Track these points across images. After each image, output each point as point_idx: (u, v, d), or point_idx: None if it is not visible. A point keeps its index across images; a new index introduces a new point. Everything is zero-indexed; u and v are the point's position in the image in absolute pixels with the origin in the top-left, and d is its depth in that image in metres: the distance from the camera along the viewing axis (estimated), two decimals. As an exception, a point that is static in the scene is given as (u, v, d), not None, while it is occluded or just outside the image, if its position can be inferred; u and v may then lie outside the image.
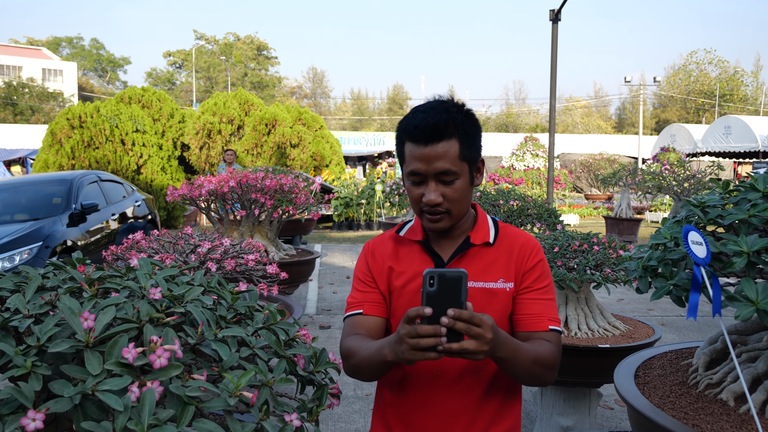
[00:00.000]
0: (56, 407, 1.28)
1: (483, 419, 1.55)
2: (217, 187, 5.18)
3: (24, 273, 1.74)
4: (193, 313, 1.60)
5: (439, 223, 1.53)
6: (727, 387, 1.74)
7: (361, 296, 1.64)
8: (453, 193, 1.50)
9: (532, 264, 1.57)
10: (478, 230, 1.61)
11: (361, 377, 1.53)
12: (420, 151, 1.47)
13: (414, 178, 1.51)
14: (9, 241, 6.10)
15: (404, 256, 1.63)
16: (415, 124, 1.48)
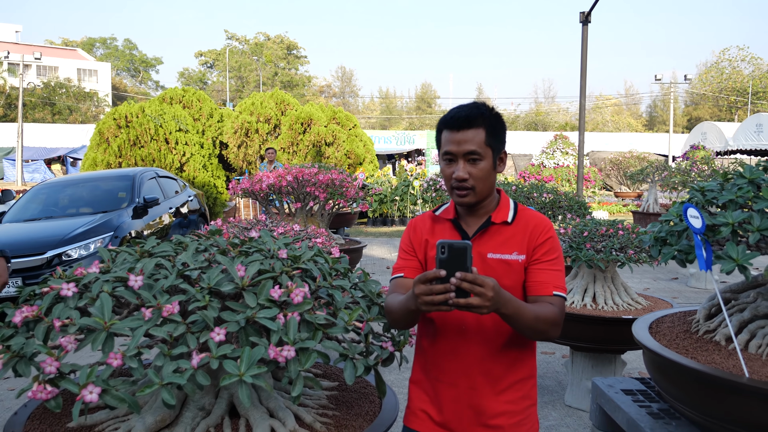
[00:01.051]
0: (230, 327, 1.80)
1: (500, 366, 1.85)
2: (276, 182, 5.71)
3: (175, 240, 2.28)
4: (311, 269, 2.12)
5: (465, 198, 1.82)
6: (719, 331, 2.22)
7: (403, 263, 1.93)
8: (478, 172, 1.80)
9: (543, 239, 1.85)
10: (500, 211, 1.89)
11: (398, 326, 1.81)
12: (453, 136, 1.80)
13: (447, 157, 1.82)
14: (84, 231, 6.73)
15: (438, 231, 1.91)
16: (452, 115, 1.82)
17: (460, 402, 1.84)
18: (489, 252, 1.85)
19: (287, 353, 1.75)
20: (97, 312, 1.80)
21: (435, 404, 1.88)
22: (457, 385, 1.84)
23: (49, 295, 1.94)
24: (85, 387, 1.63)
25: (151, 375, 1.68)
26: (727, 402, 1.98)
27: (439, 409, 1.86)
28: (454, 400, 1.84)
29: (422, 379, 1.93)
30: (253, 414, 2.05)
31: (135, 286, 1.87)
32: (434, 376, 1.88)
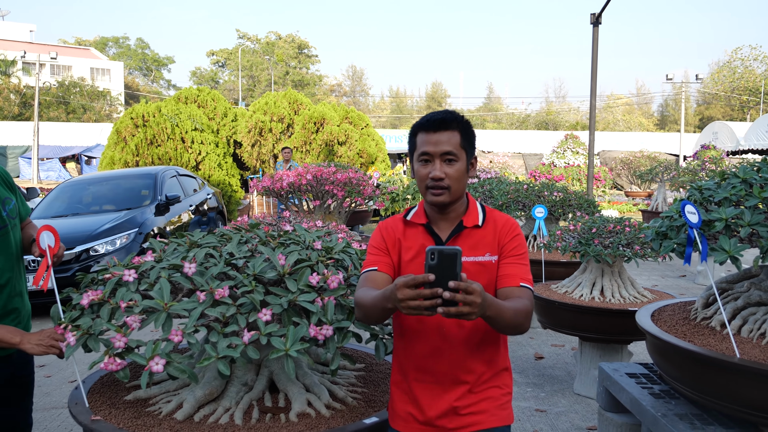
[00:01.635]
0: (274, 309, 2.03)
1: (480, 363, 1.90)
2: (296, 180, 5.95)
3: (218, 232, 2.51)
4: (343, 258, 2.34)
5: (440, 197, 1.85)
6: (715, 317, 2.43)
7: (375, 258, 1.93)
8: (454, 172, 1.85)
9: (511, 237, 1.93)
10: (470, 215, 1.94)
11: (368, 321, 1.81)
12: (429, 137, 1.85)
13: (424, 158, 1.86)
14: (110, 227, 7.00)
15: (411, 235, 1.93)
16: (427, 119, 1.89)
17: (442, 399, 1.88)
18: (463, 255, 1.86)
19: (326, 332, 1.98)
20: (157, 295, 2.03)
21: (416, 404, 1.90)
22: (439, 384, 1.89)
23: (111, 280, 2.18)
24: (152, 359, 1.87)
25: (209, 349, 1.91)
26: (720, 380, 2.19)
27: (421, 409, 1.89)
28: (436, 398, 1.88)
29: (401, 380, 1.96)
30: (291, 389, 2.28)
31: (189, 273, 2.10)
32: (414, 377, 1.91)
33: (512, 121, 62.55)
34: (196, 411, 2.20)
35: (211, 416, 2.17)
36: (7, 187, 2.46)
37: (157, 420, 2.14)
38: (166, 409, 2.21)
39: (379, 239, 1.97)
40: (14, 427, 2.54)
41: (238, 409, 2.19)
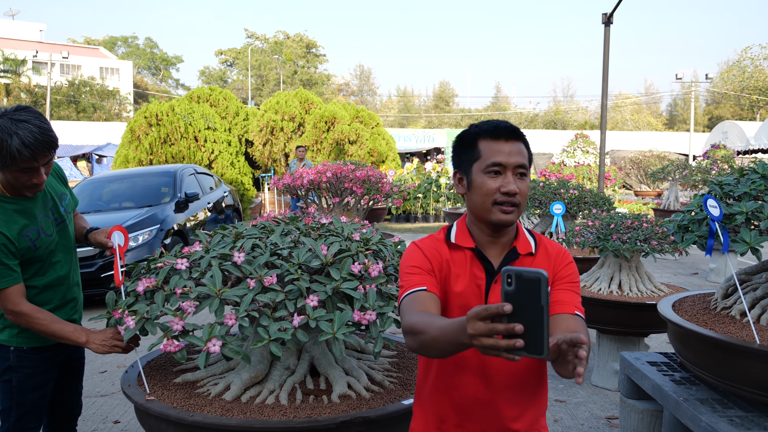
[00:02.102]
0: (320, 296, 2.16)
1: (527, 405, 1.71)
2: (316, 178, 6.08)
3: (260, 225, 2.64)
4: (381, 249, 2.47)
5: (510, 215, 1.64)
6: (735, 307, 2.54)
7: (420, 279, 1.65)
8: (525, 188, 1.66)
9: (564, 265, 1.74)
10: (521, 241, 1.73)
11: (429, 354, 1.50)
12: (501, 146, 1.65)
13: (495, 168, 1.63)
14: (132, 224, 7.14)
15: (458, 260, 1.70)
16: (495, 125, 1.68)
17: None
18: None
19: (369, 317, 2.11)
20: (209, 282, 2.16)
21: None
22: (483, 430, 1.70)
23: (164, 269, 2.31)
24: (209, 341, 2.00)
25: (261, 332, 2.04)
26: (740, 366, 2.31)
27: None
28: None
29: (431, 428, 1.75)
30: (332, 372, 2.41)
31: (238, 262, 2.23)
32: (456, 423, 1.71)
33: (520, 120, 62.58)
34: (242, 392, 2.34)
35: (257, 397, 2.31)
36: (61, 182, 2.60)
37: (207, 400, 2.28)
38: (215, 390, 2.34)
39: (420, 258, 1.70)
40: (68, 409, 2.68)
41: (283, 391, 2.32)
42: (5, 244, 2.24)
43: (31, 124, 2.16)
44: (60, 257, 2.46)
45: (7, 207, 2.29)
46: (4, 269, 2.24)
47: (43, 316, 2.30)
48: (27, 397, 2.41)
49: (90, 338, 2.32)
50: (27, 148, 2.13)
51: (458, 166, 1.76)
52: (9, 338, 2.39)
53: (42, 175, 2.26)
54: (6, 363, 2.40)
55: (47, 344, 2.42)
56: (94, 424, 3.94)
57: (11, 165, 2.16)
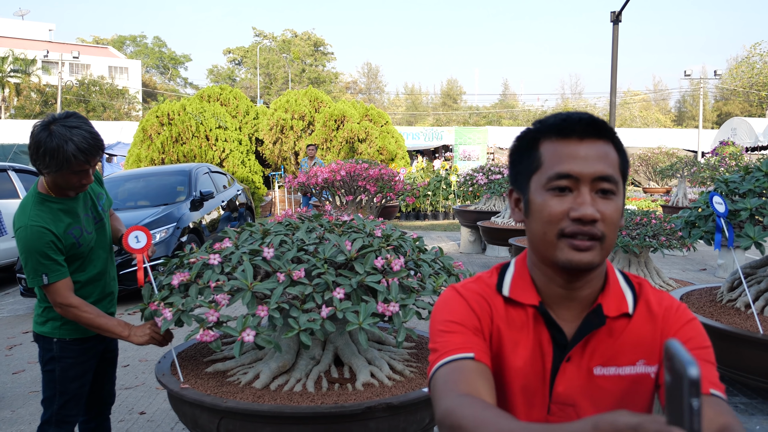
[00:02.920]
0: (346, 289, 2.28)
1: None
2: (330, 176, 6.21)
3: (286, 222, 2.77)
4: (402, 245, 2.59)
5: (588, 253, 1.11)
6: (740, 299, 2.66)
7: (462, 339, 1.16)
8: (613, 212, 1.12)
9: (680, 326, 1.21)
10: (611, 294, 1.20)
11: None
12: (572, 148, 1.12)
13: (560, 183, 1.12)
14: (149, 222, 7.29)
15: (515, 321, 1.21)
16: (564, 117, 1.15)
17: None
18: (598, 365, 1.18)
19: (393, 308, 2.23)
20: (241, 276, 2.30)
21: None
22: None
23: (197, 264, 2.44)
24: (244, 330, 2.13)
25: (292, 323, 2.17)
26: (745, 355, 2.43)
27: None
28: None
29: None
30: (356, 362, 2.54)
31: (268, 257, 2.36)
32: None
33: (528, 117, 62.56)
34: (271, 381, 2.47)
35: (285, 385, 2.44)
36: (98, 182, 2.74)
37: (239, 388, 2.41)
38: (245, 379, 2.48)
39: (463, 310, 1.21)
40: (102, 397, 2.83)
41: (309, 380, 2.45)
42: (53, 241, 2.39)
43: (83, 130, 2.32)
44: (99, 254, 2.61)
45: (53, 207, 2.44)
46: (53, 264, 2.39)
47: (90, 310, 2.44)
48: (69, 386, 2.56)
49: (132, 332, 2.45)
50: (82, 153, 2.29)
51: (514, 180, 1.24)
52: (52, 330, 2.54)
53: (90, 177, 2.41)
54: (49, 354, 2.55)
55: (88, 336, 2.57)
56: (120, 415, 4.09)
57: (66, 168, 2.31)
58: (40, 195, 2.46)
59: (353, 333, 2.58)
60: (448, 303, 1.23)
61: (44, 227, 2.38)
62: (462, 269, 2.75)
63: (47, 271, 2.38)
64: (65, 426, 2.59)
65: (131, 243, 2.54)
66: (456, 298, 1.24)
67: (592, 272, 1.16)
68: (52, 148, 2.28)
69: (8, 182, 8.73)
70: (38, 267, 2.38)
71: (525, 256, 1.27)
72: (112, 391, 2.89)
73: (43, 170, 2.36)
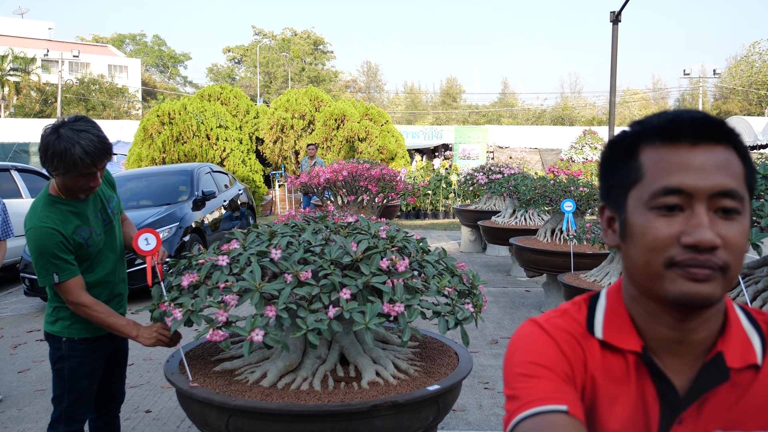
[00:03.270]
0: (352, 290, 2.33)
1: None
2: (332, 177, 6.26)
3: (293, 224, 2.82)
4: (407, 246, 2.64)
5: (707, 284, 0.88)
6: (738, 299, 2.71)
7: (552, 388, 0.93)
8: (737, 235, 0.89)
9: None
10: (734, 338, 0.97)
11: None
12: (685, 156, 0.90)
13: (670, 201, 0.90)
14: (153, 222, 7.34)
15: (612, 370, 0.98)
16: (671, 118, 0.93)
17: None
18: (718, 429, 0.95)
19: (398, 308, 2.28)
20: (249, 277, 2.34)
21: None
22: None
23: (206, 265, 2.49)
24: (253, 330, 2.18)
25: (300, 323, 2.22)
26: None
27: None
28: None
29: None
30: (361, 361, 2.59)
31: (275, 258, 2.41)
32: None
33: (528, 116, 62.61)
34: (278, 380, 2.52)
35: (292, 384, 2.49)
36: (109, 186, 2.80)
37: (247, 387, 2.46)
38: (252, 378, 2.53)
39: (552, 352, 0.99)
40: (113, 395, 2.89)
41: (315, 379, 2.50)
42: (62, 242, 2.45)
43: (91, 134, 2.37)
44: (107, 255, 2.67)
45: (63, 208, 2.50)
46: (63, 263, 2.45)
47: (101, 309, 2.50)
48: (78, 385, 2.61)
49: (140, 333, 2.51)
50: (88, 156, 2.35)
51: (606, 195, 1.02)
52: (61, 329, 2.59)
53: (98, 179, 2.46)
54: (59, 353, 2.60)
55: (97, 335, 2.62)
56: (126, 413, 4.14)
57: (73, 171, 2.37)
58: (50, 197, 2.52)
59: (359, 332, 2.63)
60: (531, 341, 1.00)
61: (53, 228, 2.44)
62: (465, 269, 2.80)
63: (57, 270, 2.44)
64: (74, 424, 2.64)
65: (141, 245, 2.59)
66: (541, 335, 1.00)
67: (711, 309, 0.93)
68: (60, 150, 2.33)
69: (11, 182, 8.78)
70: (48, 266, 2.44)
71: (619, 286, 1.03)
72: (121, 390, 2.94)
73: (52, 172, 2.42)
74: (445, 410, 2.55)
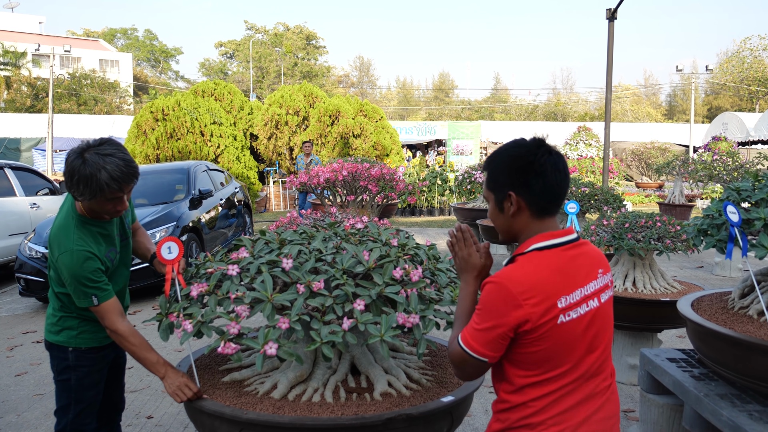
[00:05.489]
0: (366, 300, 2.29)
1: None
2: (332, 176, 6.21)
3: (301, 230, 2.77)
4: (419, 254, 2.60)
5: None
6: (752, 306, 2.68)
7: None
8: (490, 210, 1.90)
9: None
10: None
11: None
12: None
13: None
14: (149, 221, 7.27)
15: None
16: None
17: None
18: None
19: (413, 320, 2.24)
20: (260, 287, 2.30)
21: None
22: None
23: (215, 274, 2.44)
24: (266, 343, 2.13)
25: (313, 335, 2.18)
26: (758, 363, 2.45)
27: None
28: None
29: None
30: (373, 371, 2.55)
31: (287, 268, 2.36)
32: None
33: (520, 111, 62.61)
34: (288, 391, 2.47)
35: (303, 395, 2.44)
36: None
37: (257, 399, 2.41)
38: (262, 389, 2.48)
39: None
40: (114, 403, 2.85)
41: (327, 390, 2.46)
42: (99, 267, 2.42)
43: (117, 158, 2.33)
44: (121, 271, 2.66)
45: (93, 230, 2.48)
46: (101, 284, 2.42)
47: (136, 341, 2.44)
48: (84, 395, 2.56)
49: (168, 376, 2.41)
50: (115, 182, 2.31)
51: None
52: (68, 339, 2.54)
53: (125, 203, 2.44)
54: (64, 363, 2.55)
55: (103, 344, 2.58)
56: (127, 419, 4.08)
57: (99, 196, 2.33)
58: (80, 218, 2.48)
59: (373, 344, 2.59)
60: None
61: (89, 251, 2.41)
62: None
63: (96, 291, 2.41)
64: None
65: (164, 254, 2.53)
66: None
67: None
68: (86, 176, 2.29)
69: (5, 180, 8.68)
70: (87, 290, 2.40)
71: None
72: (122, 397, 2.91)
73: (78, 197, 2.38)
74: (458, 421, 2.51)
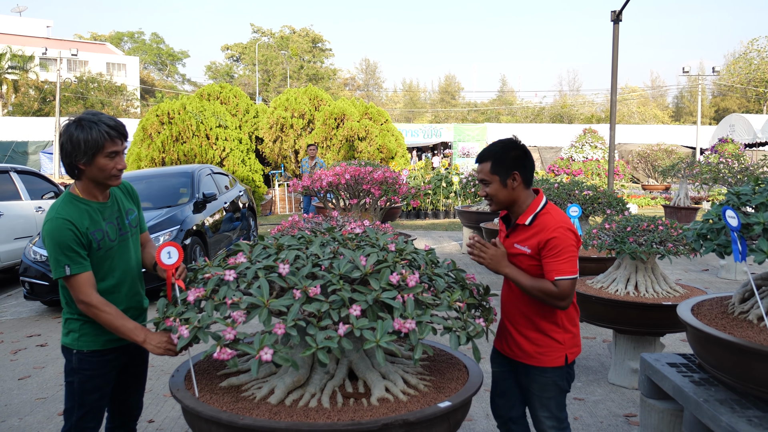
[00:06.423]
0: (362, 305, 2.29)
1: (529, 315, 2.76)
2: (335, 180, 6.21)
3: (299, 235, 2.77)
4: (416, 259, 2.59)
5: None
6: (752, 312, 2.66)
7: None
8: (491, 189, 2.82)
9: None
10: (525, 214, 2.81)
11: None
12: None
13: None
14: (153, 225, 7.29)
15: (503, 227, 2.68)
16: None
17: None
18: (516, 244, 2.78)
19: (410, 325, 2.24)
20: (257, 293, 2.30)
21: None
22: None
23: (212, 279, 2.44)
24: (262, 349, 2.13)
25: (309, 341, 2.18)
26: (758, 368, 2.44)
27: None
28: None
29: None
30: (370, 376, 2.55)
31: (283, 273, 2.36)
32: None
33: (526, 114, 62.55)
34: (286, 396, 2.47)
35: (300, 400, 2.44)
36: (132, 200, 2.83)
37: (254, 404, 2.41)
38: (259, 394, 2.48)
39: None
40: (129, 409, 2.88)
41: (324, 395, 2.46)
42: (76, 234, 2.49)
43: (106, 116, 2.53)
44: (117, 265, 2.65)
45: (80, 206, 2.57)
46: (75, 256, 2.48)
47: (109, 310, 2.51)
48: (87, 398, 2.59)
49: (147, 338, 2.50)
50: (113, 129, 2.50)
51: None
52: (72, 342, 2.59)
53: (123, 161, 2.57)
54: (69, 365, 2.61)
55: (106, 347, 2.60)
56: (129, 422, 4.10)
57: (101, 150, 2.48)
58: (70, 195, 2.60)
59: (369, 349, 2.58)
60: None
61: (67, 219, 2.49)
62: (474, 281, 2.76)
63: (69, 262, 2.47)
64: (84, 437, 2.62)
65: (163, 258, 2.56)
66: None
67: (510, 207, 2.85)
68: (86, 132, 2.46)
69: (10, 184, 8.72)
70: (61, 258, 2.47)
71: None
72: (138, 404, 2.94)
73: (81, 159, 2.49)
74: (456, 426, 2.50)
